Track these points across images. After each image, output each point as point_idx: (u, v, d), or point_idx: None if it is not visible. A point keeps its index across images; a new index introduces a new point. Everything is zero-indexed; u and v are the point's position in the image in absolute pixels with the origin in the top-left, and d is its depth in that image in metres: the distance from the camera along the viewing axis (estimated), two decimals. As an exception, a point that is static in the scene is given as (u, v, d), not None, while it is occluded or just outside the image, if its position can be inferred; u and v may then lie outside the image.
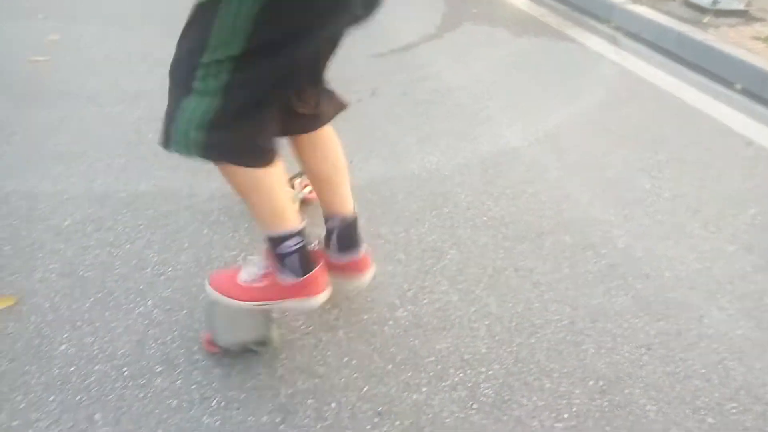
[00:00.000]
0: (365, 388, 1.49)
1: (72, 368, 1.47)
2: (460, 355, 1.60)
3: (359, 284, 1.66)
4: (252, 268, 1.47)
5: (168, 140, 1.25)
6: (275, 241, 1.38)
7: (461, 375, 1.54)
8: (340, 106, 1.52)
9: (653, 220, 2.21)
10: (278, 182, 1.33)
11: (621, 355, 1.63)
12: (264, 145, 1.29)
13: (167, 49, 1.28)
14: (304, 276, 1.41)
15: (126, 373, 1.46)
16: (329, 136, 1.52)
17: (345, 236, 1.59)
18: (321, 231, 1.60)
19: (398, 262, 1.92)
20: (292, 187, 2.10)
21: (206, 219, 2.04)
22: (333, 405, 1.44)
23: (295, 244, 1.38)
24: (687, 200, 2.34)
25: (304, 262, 1.41)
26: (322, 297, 1.47)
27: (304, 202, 2.11)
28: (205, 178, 2.21)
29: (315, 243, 1.50)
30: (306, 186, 2.11)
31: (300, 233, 1.39)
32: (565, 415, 1.45)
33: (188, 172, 2.28)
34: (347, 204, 1.58)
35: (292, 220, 1.37)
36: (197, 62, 1.17)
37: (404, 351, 1.60)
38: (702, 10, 4.20)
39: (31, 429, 1.32)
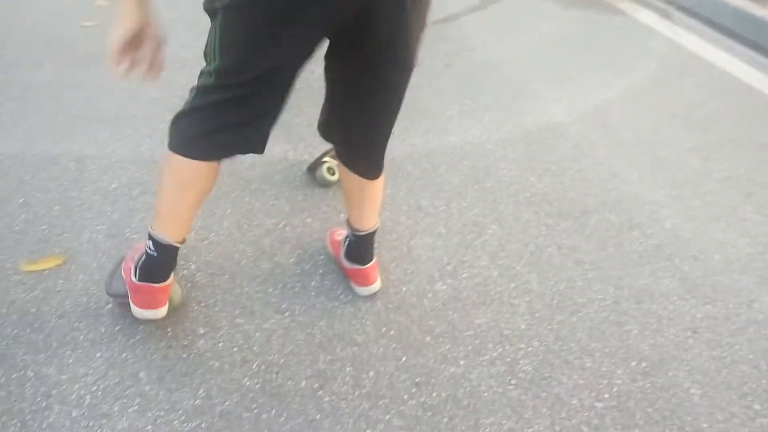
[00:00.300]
0: (403, 359, 1.49)
1: (118, 327, 1.51)
2: (499, 331, 1.58)
3: (359, 293, 1.65)
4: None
5: None
6: (148, 236, 1.39)
7: (500, 350, 1.53)
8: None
9: (703, 202, 2.14)
10: (185, 189, 1.33)
11: (665, 338, 1.59)
12: (199, 142, 1.29)
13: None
14: (137, 281, 1.41)
15: (170, 334, 1.49)
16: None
17: (353, 248, 1.62)
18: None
19: (438, 236, 1.90)
20: (334, 157, 2.09)
21: (248, 186, 2.05)
22: (371, 374, 1.44)
23: (150, 249, 1.37)
24: (740, 182, 2.26)
25: (148, 270, 1.39)
26: (139, 312, 1.43)
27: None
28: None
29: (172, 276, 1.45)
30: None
31: (164, 248, 1.37)
32: (606, 395, 1.43)
33: (231, 140, 2.29)
34: (363, 221, 1.58)
35: (169, 231, 1.36)
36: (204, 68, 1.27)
37: (443, 324, 1.59)
38: (763, -16, 4.00)
39: (78, 383, 1.37)
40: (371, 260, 1.63)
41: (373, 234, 1.60)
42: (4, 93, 2.51)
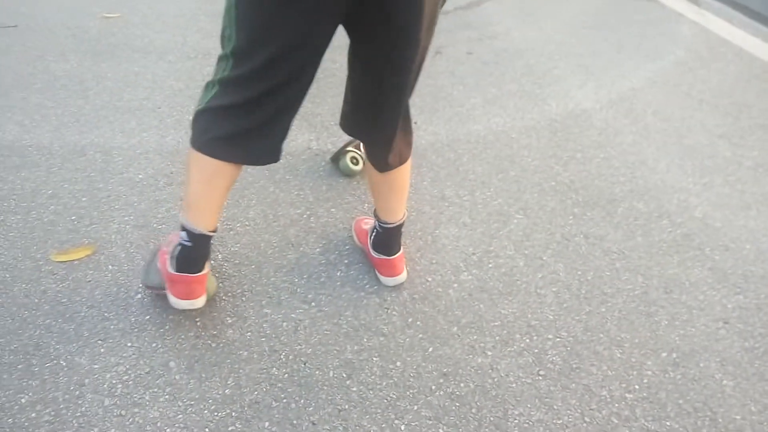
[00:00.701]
0: (430, 349, 1.49)
1: (147, 317, 1.52)
2: (526, 321, 1.57)
3: (385, 283, 1.66)
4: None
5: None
6: (181, 227, 1.39)
7: (527, 341, 1.52)
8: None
9: (733, 190, 2.10)
10: (212, 180, 1.34)
11: (696, 328, 1.57)
12: (222, 142, 1.29)
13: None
14: (173, 272, 1.41)
15: (199, 324, 1.51)
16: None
17: (380, 239, 1.62)
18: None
19: (463, 226, 1.89)
20: (358, 147, 2.09)
21: (272, 177, 2.06)
22: (398, 364, 1.44)
23: (184, 240, 1.38)
24: (771, 169, 2.21)
25: (183, 261, 1.40)
26: (177, 302, 1.44)
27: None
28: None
29: (207, 266, 1.46)
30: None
31: (197, 237, 1.38)
32: (636, 386, 1.41)
33: (254, 130, 2.29)
34: (390, 213, 1.58)
35: (197, 219, 1.37)
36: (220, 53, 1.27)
37: (469, 314, 1.59)
38: (794, -35, 3.89)
39: (110, 373, 1.38)
40: (398, 251, 1.63)
41: (400, 226, 1.60)
42: (31, 85, 2.54)
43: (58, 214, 1.84)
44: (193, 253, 1.40)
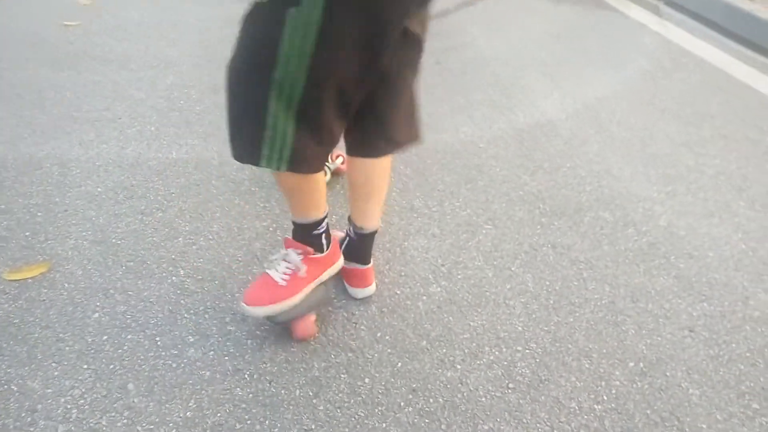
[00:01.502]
0: (399, 364, 1.46)
1: (105, 337, 1.47)
2: (495, 333, 1.56)
3: (355, 295, 1.64)
4: (281, 265, 1.47)
5: (254, 157, 1.25)
6: (309, 227, 1.45)
7: (497, 353, 1.51)
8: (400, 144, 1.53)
9: (696, 198, 2.12)
10: (314, 184, 1.39)
11: (662, 337, 1.58)
12: (311, 157, 1.29)
13: (196, 15, 1.26)
14: (327, 250, 1.50)
15: (159, 343, 1.46)
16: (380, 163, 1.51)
17: (354, 247, 1.60)
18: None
19: (432, 237, 1.87)
20: (324, 157, 2.06)
21: (237, 189, 2.01)
22: (366, 380, 1.41)
23: (322, 228, 1.47)
24: (732, 178, 2.25)
25: (327, 239, 1.50)
26: (342, 261, 1.57)
27: (336, 173, 2.08)
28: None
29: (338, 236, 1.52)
30: (338, 157, 2.07)
31: (325, 218, 1.47)
32: (605, 397, 1.41)
33: (219, 142, 2.25)
34: (367, 218, 1.56)
35: (321, 209, 1.45)
36: (269, 77, 1.17)
37: (438, 327, 1.57)
38: (751, -23, 4.00)
39: (64, 397, 1.32)
40: (370, 261, 1.60)
41: (374, 234, 1.58)
42: (-15, 95, 2.46)
43: (10, 230, 1.77)
44: (328, 230, 1.49)
